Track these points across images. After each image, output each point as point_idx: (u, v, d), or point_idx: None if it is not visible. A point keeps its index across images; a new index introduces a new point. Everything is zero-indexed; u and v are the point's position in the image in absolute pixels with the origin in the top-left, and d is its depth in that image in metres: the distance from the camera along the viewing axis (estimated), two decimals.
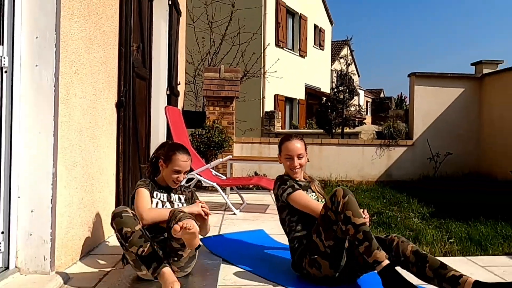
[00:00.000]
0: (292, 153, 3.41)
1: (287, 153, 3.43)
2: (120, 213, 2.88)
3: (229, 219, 5.20)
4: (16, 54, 2.92)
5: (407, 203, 6.74)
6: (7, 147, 2.91)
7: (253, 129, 17.18)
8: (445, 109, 9.73)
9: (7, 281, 2.84)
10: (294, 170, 3.45)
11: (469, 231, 4.87)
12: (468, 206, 6.31)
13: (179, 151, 3.34)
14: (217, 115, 8.70)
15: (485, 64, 9.68)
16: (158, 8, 6.48)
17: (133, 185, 4.69)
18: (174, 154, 3.33)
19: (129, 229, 2.82)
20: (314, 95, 25.20)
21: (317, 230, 3.01)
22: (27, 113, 2.97)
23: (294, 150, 3.41)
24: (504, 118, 8.90)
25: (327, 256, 2.98)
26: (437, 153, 9.59)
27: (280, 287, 3.10)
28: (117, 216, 2.87)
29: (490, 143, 9.37)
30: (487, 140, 9.47)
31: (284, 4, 21.22)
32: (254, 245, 4.13)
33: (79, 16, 3.44)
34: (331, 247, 2.95)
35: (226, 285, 3.12)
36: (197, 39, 13.90)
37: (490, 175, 9.14)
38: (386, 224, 5.28)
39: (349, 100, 15.12)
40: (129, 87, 4.51)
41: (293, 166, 3.42)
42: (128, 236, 2.81)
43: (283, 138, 3.58)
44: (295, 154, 3.40)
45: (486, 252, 4.15)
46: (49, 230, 2.98)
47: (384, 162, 9.69)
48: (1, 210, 2.89)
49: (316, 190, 3.55)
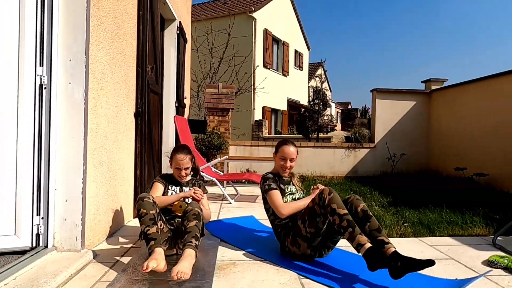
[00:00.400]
0: (287, 156, 3.41)
1: (283, 155, 3.43)
2: (143, 197, 2.95)
3: (225, 207, 5.21)
4: (53, 73, 2.94)
5: (370, 194, 6.73)
6: (46, 149, 2.92)
7: (245, 134, 17.22)
8: (400, 118, 9.77)
9: (46, 257, 2.85)
10: (285, 170, 3.46)
11: (420, 217, 4.87)
12: (419, 197, 6.31)
13: (177, 152, 3.40)
14: (216, 123, 8.71)
15: (433, 82, 9.73)
16: (168, 36, 6.50)
17: (148, 179, 4.72)
18: (174, 154, 3.40)
19: (144, 211, 2.88)
20: (294, 107, 25.18)
21: (302, 218, 3.03)
22: (62, 121, 2.99)
23: (289, 154, 3.41)
24: (448, 125, 8.97)
25: (307, 239, 3.02)
26: (394, 153, 9.63)
27: (266, 261, 3.12)
28: (140, 199, 2.94)
29: (437, 146, 9.42)
30: (435, 143, 9.53)
31: (270, 33, 21.26)
32: (246, 228, 4.14)
33: (104, 43, 3.46)
34: (311, 233, 2.98)
35: (223, 260, 3.13)
36: (199, 62, 13.96)
37: (437, 172, 9.19)
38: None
39: (323, 111, 15.15)
40: (144, 100, 4.52)
41: (285, 167, 3.43)
42: (142, 216, 2.88)
43: (282, 141, 3.54)
44: (289, 157, 3.41)
45: (434, 234, 4.15)
46: (80, 216, 3.01)
47: (351, 161, 9.72)
48: (41, 200, 2.91)
49: (296, 184, 3.58)
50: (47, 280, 2.49)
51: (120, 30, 3.83)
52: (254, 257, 3.21)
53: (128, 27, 4.08)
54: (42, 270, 2.64)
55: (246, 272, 2.88)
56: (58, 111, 2.97)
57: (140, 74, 4.37)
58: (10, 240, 2.79)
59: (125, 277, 2.64)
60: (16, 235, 2.81)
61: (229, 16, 17.46)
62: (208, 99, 8.76)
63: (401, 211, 5.22)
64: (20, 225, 2.81)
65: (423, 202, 5.76)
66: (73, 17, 2.99)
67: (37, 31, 2.87)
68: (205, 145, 7.98)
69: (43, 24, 2.90)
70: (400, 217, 4.87)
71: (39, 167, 2.90)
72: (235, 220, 4.45)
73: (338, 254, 3.31)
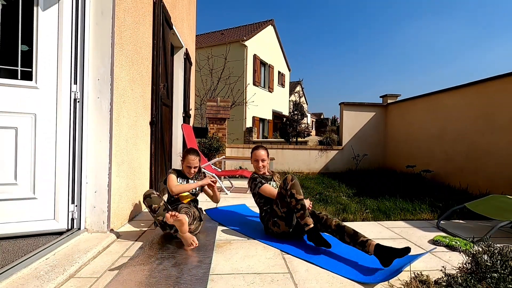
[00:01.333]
0: (258, 158, 3.52)
1: (255, 158, 3.54)
2: (149, 194, 2.94)
3: (222, 197, 5.21)
4: (85, 90, 2.96)
5: (338, 187, 6.74)
6: (79, 150, 2.94)
7: (238, 138, 17.25)
8: (363, 126, 9.83)
9: (79, 237, 2.87)
10: (259, 169, 3.54)
11: (378, 205, 4.88)
12: (378, 189, 6.36)
13: (189, 153, 3.41)
14: (215, 130, 8.72)
15: (389, 96, 9.78)
16: (177, 60, 6.52)
17: (161, 175, 4.73)
18: (186, 155, 3.41)
19: (156, 205, 2.90)
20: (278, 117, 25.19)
21: (276, 202, 3.13)
22: (92, 128, 3.01)
23: (259, 156, 3.52)
24: (401, 132, 9.06)
25: (283, 218, 3.08)
26: (357, 154, 9.69)
27: (256, 240, 3.15)
28: (147, 197, 2.93)
29: (392, 148, 9.50)
30: (390, 146, 9.60)
31: (259, 58, 21.30)
32: (239, 214, 4.15)
33: (126, 66, 3.48)
34: (285, 213, 3.05)
35: (221, 240, 3.15)
36: (202, 80, 13.98)
37: (392, 169, 9.25)
38: (325, 201, 5.26)
39: (300, 120, 15.26)
40: (158, 111, 4.53)
41: (257, 167, 3.53)
42: (156, 210, 2.89)
43: (253, 148, 3.63)
44: (259, 159, 3.51)
45: (389, 218, 4.18)
46: (106, 204, 3.02)
47: (323, 160, 9.77)
48: (75, 191, 2.93)
49: (277, 181, 3.63)
50: (80, 255, 2.51)
51: (138, 55, 3.85)
52: (246, 237, 3.24)
53: (145, 53, 4.10)
54: (76, 248, 2.66)
55: (239, 249, 2.92)
56: (88, 120, 2.99)
57: (154, 91, 4.38)
58: (50, 224, 2.81)
59: (142, 252, 2.67)
60: (55, 220, 2.83)
61: (225, 44, 17.57)
62: (208, 111, 8.78)
63: (364, 200, 5.24)
64: (58, 212, 2.83)
65: (381, 193, 5.80)
66: (100, 44, 3.02)
67: (71, 56, 2.90)
68: (206, 147, 7.99)
69: (77, 51, 2.92)
70: (362, 205, 4.88)
71: (74, 165, 2.92)
72: (231, 208, 4.45)
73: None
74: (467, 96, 6.54)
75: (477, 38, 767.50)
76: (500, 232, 3.58)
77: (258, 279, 2.33)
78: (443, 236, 3.28)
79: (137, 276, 2.24)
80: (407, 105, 8.85)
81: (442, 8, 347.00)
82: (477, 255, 2.26)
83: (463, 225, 3.90)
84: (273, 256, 2.78)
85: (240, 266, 2.55)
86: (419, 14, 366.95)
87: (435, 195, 5.63)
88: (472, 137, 6.32)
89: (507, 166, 5.46)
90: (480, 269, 2.18)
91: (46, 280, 2.12)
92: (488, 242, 2.40)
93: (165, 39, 4.90)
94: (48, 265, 2.32)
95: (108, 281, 2.21)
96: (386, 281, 2.33)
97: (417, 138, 8.24)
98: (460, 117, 6.67)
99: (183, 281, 2.18)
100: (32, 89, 2.74)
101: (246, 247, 2.96)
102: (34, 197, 2.75)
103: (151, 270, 2.33)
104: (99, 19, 3.02)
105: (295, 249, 2.93)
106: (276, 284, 2.27)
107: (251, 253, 2.82)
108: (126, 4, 3.45)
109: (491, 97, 5.92)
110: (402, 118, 9.05)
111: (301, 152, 9.71)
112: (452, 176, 6.80)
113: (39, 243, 2.62)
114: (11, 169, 2.67)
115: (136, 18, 3.76)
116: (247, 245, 3.03)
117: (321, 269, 2.53)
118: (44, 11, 2.78)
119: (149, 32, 4.23)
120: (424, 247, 3.08)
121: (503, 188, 5.44)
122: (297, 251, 2.89)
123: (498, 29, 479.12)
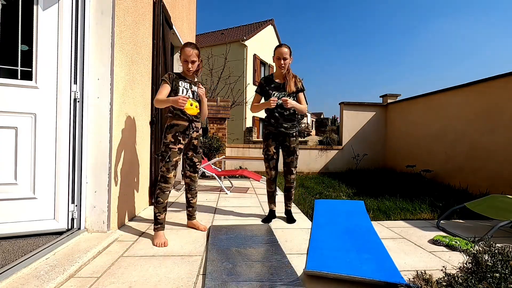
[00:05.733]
0: (280, 56, 3.49)
1: (278, 55, 3.51)
2: (164, 190, 3.06)
3: (222, 197, 5.21)
4: (85, 90, 2.95)
5: (338, 186, 6.74)
6: (79, 150, 2.94)
7: (238, 138, 17.25)
8: (363, 125, 9.83)
9: (79, 237, 2.87)
10: (280, 68, 3.54)
11: (378, 204, 4.88)
12: (378, 188, 6.35)
13: (185, 46, 3.11)
14: (215, 130, 8.71)
15: (389, 96, 9.79)
16: (176, 60, 6.52)
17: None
18: (183, 49, 3.11)
19: (161, 200, 3.06)
20: None
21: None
22: (92, 128, 3.00)
23: (281, 53, 3.48)
24: (401, 131, 9.06)
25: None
26: (357, 154, 9.69)
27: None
28: (161, 190, 3.06)
29: (392, 148, 9.50)
30: (390, 146, 9.61)
31: (258, 57, 21.30)
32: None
33: (126, 65, 3.47)
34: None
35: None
36: (202, 80, 13.93)
37: (392, 169, 9.26)
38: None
39: (301, 120, 15.25)
40: (157, 111, 4.53)
41: (279, 64, 3.52)
42: (159, 203, 3.06)
43: (277, 45, 3.55)
44: (282, 57, 3.49)
45: (389, 218, 4.18)
46: (106, 204, 3.02)
47: (323, 160, 9.76)
48: (75, 191, 2.93)
49: (289, 90, 3.57)
50: (80, 255, 2.50)
51: (138, 55, 3.85)
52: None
53: (145, 53, 4.10)
54: (76, 247, 2.65)
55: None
56: (88, 120, 2.99)
57: (154, 91, 4.37)
58: (50, 223, 2.80)
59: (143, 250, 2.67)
60: (55, 219, 2.82)
61: (225, 44, 17.56)
62: (209, 110, 8.77)
63: (364, 200, 5.17)
64: (58, 211, 2.83)
65: (381, 193, 5.80)
66: (100, 44, 3.02)
67: (71, 56, 2.89)
68: (207, 147, 7.98)
69: (77, 50, 2.92)
70: None
71: (74, 165, 2.92)
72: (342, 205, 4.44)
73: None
74: (467, 96, 6.54)
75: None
76: (500, 232, 3.58)
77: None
78: (443, 235, 3.27)
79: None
80: (407, 104, 8.85)
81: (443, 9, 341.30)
82: (477, 255, 2.26)
83: (463, 225, 3.89)
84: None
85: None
86: (419, 14, 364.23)
87: (435, 194, 5.63)
88: (472, 137, 6.31)
89: (507, 166, 5.46)
90: (481, 269, 2.17)
91: (46, 279, 2.12)
92: (489, 242, 2.39)
93: (165, 39, 4.89)
94: (48, 265, 2.32)
95: (108, 281, 2.20)
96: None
97: (417, 137, 8.24)
98: (460, 117, 6.67)
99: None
100: (32, 89, 2.74)
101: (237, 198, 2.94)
102: (34, 197, 2.74)
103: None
104: (99, 19, 3.01)
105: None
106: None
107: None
108: (126, 3, 3.45)
109: (491, 97, 5.92)
110: (402, 117, 9.05)
111: (301, 151, 9.69)
112: (452, 176, 6.80)
113: (39, 243, 2.62)
114: (11, 169, 2.67)
115: (136, 18, 3.75)
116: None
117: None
118: (44, 10, 2.78)
119: (149, 32, 4.23)
120: (424, 247, 3.07)
121: (503, 188, 5.44)
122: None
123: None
